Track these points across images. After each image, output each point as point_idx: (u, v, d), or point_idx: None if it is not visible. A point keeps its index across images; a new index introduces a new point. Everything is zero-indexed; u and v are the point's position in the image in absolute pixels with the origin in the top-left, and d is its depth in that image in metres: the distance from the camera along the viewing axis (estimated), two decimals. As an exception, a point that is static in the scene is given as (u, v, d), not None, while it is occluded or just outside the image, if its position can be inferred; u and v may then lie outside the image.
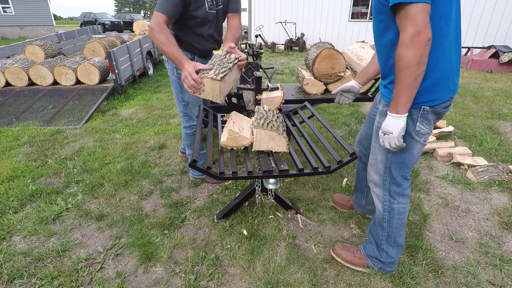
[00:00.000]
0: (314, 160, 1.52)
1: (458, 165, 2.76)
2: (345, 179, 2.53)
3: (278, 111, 1.86)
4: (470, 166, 2.68)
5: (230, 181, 2.52)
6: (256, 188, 1.96)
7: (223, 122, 1.89)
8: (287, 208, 2.12)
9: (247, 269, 1.67)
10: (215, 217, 2.06)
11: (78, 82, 4.96)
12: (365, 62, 2.46)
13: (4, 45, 6.74)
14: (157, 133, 3.54)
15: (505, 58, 6.56)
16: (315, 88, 2.66)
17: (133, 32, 8.48)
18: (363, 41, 2.93)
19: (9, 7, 16.36)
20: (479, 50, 7.45)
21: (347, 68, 2.68)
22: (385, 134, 1.22)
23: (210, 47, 2.18)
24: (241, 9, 2.11)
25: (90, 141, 3.32)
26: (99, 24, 13.74)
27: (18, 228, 2.00)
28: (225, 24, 2.14)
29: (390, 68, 1.26)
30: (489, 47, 7.13)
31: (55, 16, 37.91)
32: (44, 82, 4.91)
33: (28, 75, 4.86)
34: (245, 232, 1.91)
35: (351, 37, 10.31)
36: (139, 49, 5.95)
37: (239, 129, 1.61)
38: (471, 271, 1.66)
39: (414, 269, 1.65)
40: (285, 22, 11.03)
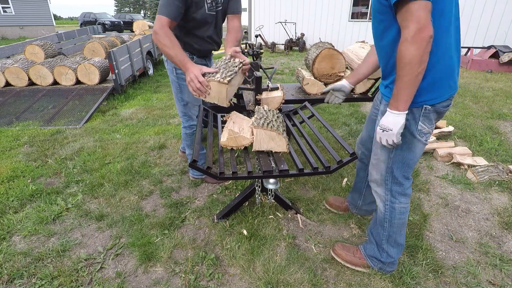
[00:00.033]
0: (314, 160, 1.52)
1: (458, 165, 2.76)
2: (345, 179, 2.53)
3: (278, 111, 1.86)
4: (470, 166, 2.68)
5: (230, 181, 2.52)
6: (256, 188, 1.96)
7: (223, 122, 1.89)
8: (287, 208, 2.12)
9: (247, 269, 1.67)
10: (215, 217, 2.06)
11: (78, 82, 4.96)
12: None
13: (4, 45, 6.74)
14: (157, 133, 3.54)
15: (505, 58, 6.56)
16: (315, 88, 2.66)
17: (133, 32, 8.49)
18: (363, 41, 2.92)
19: (9, 7, 16.36)
20: (479, 50, 7.45)
21: (347, 68, 2.68)
22: (384, 130, 1.23)
23: (209, 48, 2.18)
24: (241, 10, 2.11)
25: (90, 141, 3.32)
26: (99, 24, 13.74)
27: (18, 228, 2.00)
28: (224, 24, 2.14)
29: (392, 67, 1.26)
30: (489, 47, 7.13)
31: (55, 16, 37.90)
32: (44, 82, 4.91)
33: (28, 75, 4.86)
34: (245, 232, 1.92)
35: (351, 37, 10.32)
36: (139, 49, 5.95)
37: (239, 129, 1.60)
38: (471, 271, 1.66)
39: (414, 269, 1.65)
40: (285, 22, 11.03)
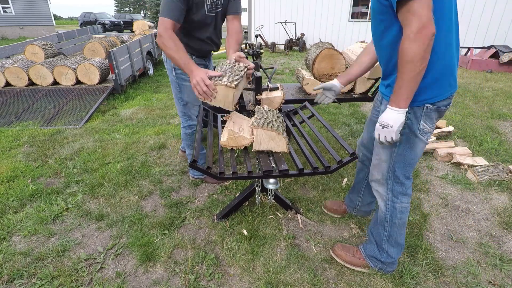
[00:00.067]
0: (314, 160, 1.52)
1: (458, 165, 2.76)
2: (345, 179, 2.53)
3: (278, 111, 1.86)
4: (470, 166, 2.68)
5: (230, 181, 2.52)
6: (256, 188, 1.96)
7: (223, 122, 1.89)
8: (287, 208, 2.12)
9: (247, 269, 1.67)
10: (215, 217, 2.06)
11: (78, 82, 4.96)
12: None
13: (4, 45, 6.73)
14: (157, 133, 3.54)
15: (505, 58, 6.56)
16: (316, 88, 2.66)
17: (133, 32, 8.49)
18: (363, 41, 2.93)
19: (9, 7, 16.36)
20: (479, 50, 7.45)
21: (347, 68, 2.67)
22: (384, 127, 1.22)
23: (208, 49, 2.18)
24: (241, 11, 2.10)
25: (90, 141, 3.32)
26: (99, 24, 13.74)
27: (18, 228, 2.00)
28: (224, 25, 2.13)
29: (393, 66, 1.26)
30: (489, 47, 7.13)
31: (55, 16, 37.89)
32: (44, 82, 4.91)
33: (28, 75, 4.86)
34: (245, 232, 1.91)
35: (351, 37, 10.32)
36: (139, 49, 5.95)
37: (239, 129, 1.60)
38: (471, 271, 1.66)
39: (414, 269, 1.65)
40: (285, 22, 11.03)
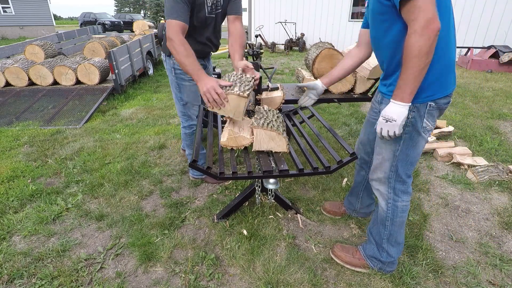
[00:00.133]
0: (314, 160, 1.52)
1: (458, 165, 2.76)
2: (345, 179, 2.53)
3: (278, 111, 1.86)
4: (470, 166, 2.68)
5: (230, 181, 2.52)
6: (256, 188, 1.96)
7: (223, 122, 1.89)
8: (287, 208, 2.12)
9: (247, 269, 1.67)
10: (215, 217, 2.06)
11: (78, 82, 4.96)
12: (365, 62, 2.45)
13: (4, 45, 6.73)
14: (157, 133, 3.54)
15: (505, 58, 6.56)
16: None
17: (133, 32, 8.49)
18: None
19: (9, 7, 16.36)
20: (479, 50, 7.45)
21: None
22: (387, 121, 1.22)
23: (207, 50, 2.17)
24: (242, 11, 2.09)
25: (90, 141, 3.32)
26: (99, 24, 13.74)
27: (18, 228, 2.00)
28: (224, 24, 2.12)
29: (397, 64, 1.27)
30: (489, 47, 7.13)
31: (55, 16, 37.89)
32: (44, 82, 4.91)
33: (28, 75, 4.86)
34: (245, 232, 1.91)
35: (351, 37, 10.31)
36: (139, 49, 5.95)
37: (239, 129, 1.61)
38: (471, 271, 1.66)
39: (414, 269, 1.65)
40: (285, 22, 11.03)
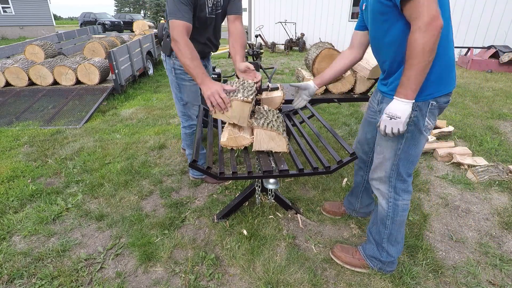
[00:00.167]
0: (314, 160, 1.52)
1: (458, 165, 2.76)
2: (345, 179, 2.53)
3: (278, 111, 1.86)
4: (470, 166, 2.68)
5: (230, 181, 2.52)
6: (256, 188, 1.96)
7: (223, 122, 1.89)
8: (287, 208, 2.12)
9: (247, 269, 1.67)
10: (215, 217, 2.06)
11: (78, 82, 4.96)
12: (365, 62, 2.46)
13: (4, 45, 6.73)
14: (157, 133, 3.54)
15: (505, 58, 6.56)
16: (315, 88, 2.66)
17: (133, 32, 8.49)
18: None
19: (9, 7, 16.36)
20: (479, 50, 7.45)
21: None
22: (391, 118, 1.21)
23: (207, 50, 2.18)
24: (242, 10, 2.09)
25: (90, 141, 3.32)
26: (99, 24, 13.75)
27: (18, 228, 2.00)
28: (224, 24, 2.12)
29: (399, 63, 1.27)
30: (489, 47, 7.13)
31: (55, 16, 37.86)
32: (44, 82, 4.91)
33: (28, 75, 4.86)
34: (245, 232, 1.91)
35: (351, 37, 10.29)
36: (139, 49, 5.95)
37: (239, 129, 1.61)
38: (471, 271, 1.66)
39: (414, 269, 1.65)
40: (285, 22, 11.03)
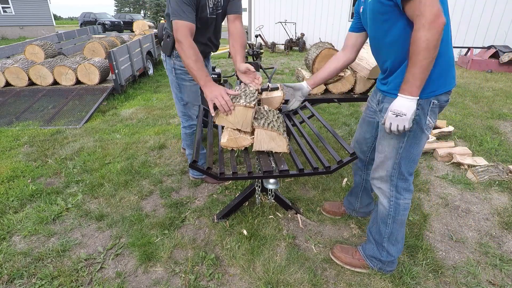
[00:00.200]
0: (314, 160, 1.52)
1: (458, 165, 2.76)
2: (345, 179, 2.53)
3: (278, 111, 1.86)
4: (470, 166, 2.68)
5: (230, 181, 2.52)
6: (256, 188, 1.96)
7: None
8: (287, 208, 2.12)
9: (247, 269, 1.67)
10: (215, 217, 2.06)
11: (78, 82, 4.96)
12: (365, 62, 2.46)
13: (4, 45, 6.73)
14: (157, 133, 3.54)
15: (505, 58, 6.56)
16: (315, 88, 2.66)
17: (133, 32, 8.49)
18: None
19: (9, 7, 16.36)
20: (479, 50, 7.45)
21: (347, 68, 2.68)
22: (397, 115, 1.21)
23: (208, 50, 2.18)
24: (242, 10, 2.09)
25: (90, 141, 3.32)
26: (99, 24, 13.74)
27: (18, 228, 2.00)
28: (224, 24, 2.13)
29: (401, 61, 1.28)
30: (489, 47, 7.13)
31: (55, 16, 37.87)
32: (44, 82, 4.91)
33: (28, 75, 4.86)
34: (245, 232, 1.91)
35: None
36: (139, 49, 5.95)
37: (239, 130, 1.60)
38: (471, 271, 1.66)
39: (414, 269, 1.65)
40: (285, 22, 11.03)
